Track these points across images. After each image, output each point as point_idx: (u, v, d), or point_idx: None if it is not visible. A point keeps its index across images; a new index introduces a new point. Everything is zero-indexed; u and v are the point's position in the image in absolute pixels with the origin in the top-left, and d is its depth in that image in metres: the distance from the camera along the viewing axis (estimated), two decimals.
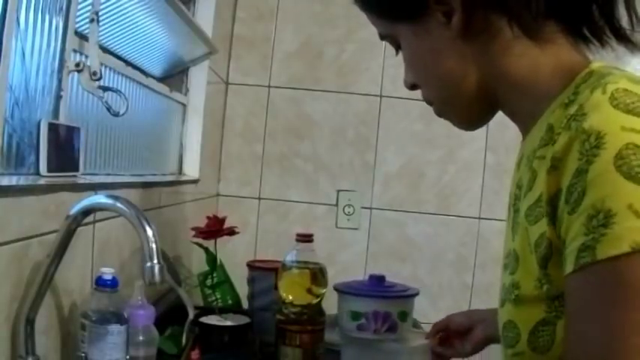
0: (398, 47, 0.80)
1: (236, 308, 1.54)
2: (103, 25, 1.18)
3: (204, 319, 1.38)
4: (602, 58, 0.72)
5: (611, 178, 0.55)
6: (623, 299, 0.54)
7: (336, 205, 2.27)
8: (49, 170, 0.99)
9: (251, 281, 1.52)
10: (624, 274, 0.54)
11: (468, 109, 0.79)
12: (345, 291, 1.50)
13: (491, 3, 0.70)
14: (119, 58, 1.37)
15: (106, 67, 1.26)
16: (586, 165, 0.56)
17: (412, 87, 0.83)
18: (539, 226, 0.63)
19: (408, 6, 0.74)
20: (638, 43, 0.70)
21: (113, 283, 0.92)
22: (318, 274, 1.31)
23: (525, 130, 0.75)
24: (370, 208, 2.28)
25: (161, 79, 1.72)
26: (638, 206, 0.54)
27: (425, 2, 0.72)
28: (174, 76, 1.84)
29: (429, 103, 0.82)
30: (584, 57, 0.71)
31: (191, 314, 1.23)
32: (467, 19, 0.70)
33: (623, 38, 0.70)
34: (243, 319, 1.42)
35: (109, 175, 1.35)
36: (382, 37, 0.82)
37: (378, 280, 1.56)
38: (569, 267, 0.58)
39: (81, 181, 1.07)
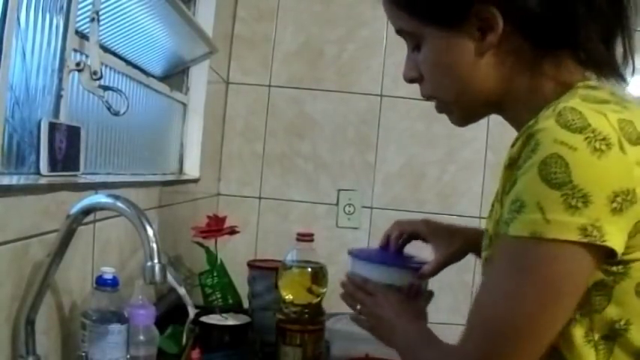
0: (416, 46, 0.85)
1: (236, 308, 1.54)
2: (104, 24, 1.18)
3: (205, 319, 1.38)
4: None
5: (532, 177, 0.68)
6: (515, 271, 0.71)
7: (337, 204, 2.27)
8: (50, 170, 0.99)
9: (251, 281, 1.52)
10: (520, 252, 0.70)
11: (475, 110, 0.88)
12: (374, 260, 1.13)
13: (527, 31, 0.77)
14: (119, 57, 1.37)
15: (106, 66, 1.25)
16: (522, 162, 0.70)
17: (412, 80, 0.88)
18: (502, 212, 0.76)
19: (449, 14, 0.79)
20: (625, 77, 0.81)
21: (114, 283, 0.92)
22: (318, 274, 1.32)
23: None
24: (371, 208, 2.28)
25: (161, 79, 1.71)
26: (543, 204, 0.67)
27: (466, 15, 0.78)
28: (175, 75, 1.84)
29: (430, 98, 0.89)
30: (582, 75, 0.80)
31: (191, 314, 1.23)
32: (501, 39, 0.78)
33: (615, 72, 0.81)
34: (244, 319, 1.42)
35: (109, 174, 1.35)
36: (399, 32, 0.87)
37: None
38: (500, 230, 0.74)
39: (81, 180, 1.07)
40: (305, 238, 1.33)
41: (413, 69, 0.88)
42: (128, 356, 0.95)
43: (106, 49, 1.28)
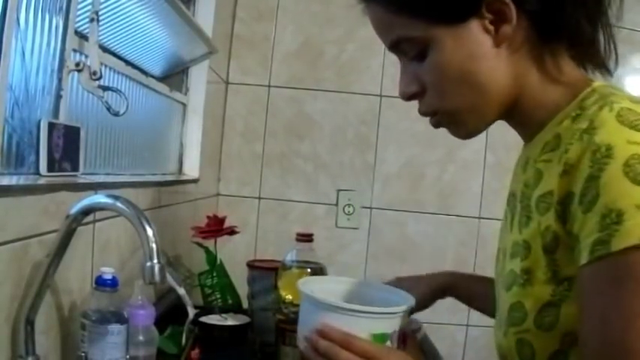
0: (418, 54, 0.79)
1: (236, 308, 1.54)
2: (103, 24, 1.18)
3: (204, 319, 1.38)
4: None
5: (620, 183, 0.63)
6: (635, 286, 0.62)
7: (336, 204, 2.27)
8: (49, 170, 0.99)
9: (251, 281, 1.52)
10: (635, 263, 0.62)
11: (488, 117, 0.82)
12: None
13: (535, 21, 0.75)
14: (119, 57, 1.37)
15: (106, 66, 1.25)
16: (598, 172, 0.65)
17: (410, 97, 0.83)
18: (546, 219, 0.72)
19: (458, 8, 0.75)
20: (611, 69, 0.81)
21: (113, 283, 0.92)
22: (318, 274, 1.32)
23: (530, 136, 0.83)
24: (370, 208, 2.28)
25: (161, 79, 1.71)
26: None
27: (477, 6, 0.74)
28: (174, 75, 1.84)
29: (431, 113, 0.83)
30: (584, 74, 0.80)
31: (191, 314, 1.23)
32: (515, 31, 0.75)
33: (600, 64, 0.81)
34: (243, 319, 1.43)
35: (109, 174, 1.35)
36: (395, 46, 0.81)
37: None
38: (584, 259, 0.66)
39: (81, 180, 1.07)
40: (304, 238, 1.33)
41: (413, 82, 0.81)
42: (128, 356, 0.95)
43: (105, 49, 1.28)
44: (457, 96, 0.79)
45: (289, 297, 1.30)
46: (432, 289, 1.15)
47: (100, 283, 0.92)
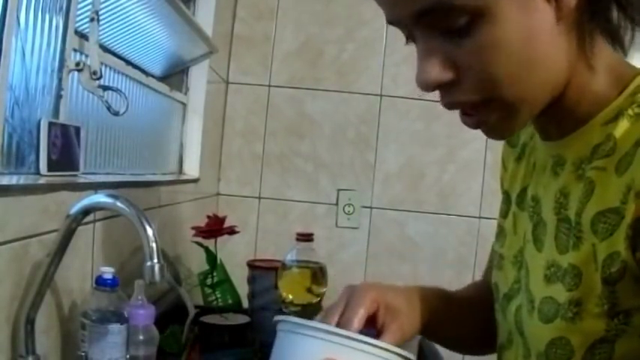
0: (463, 27, 0.60)
1: (236, 307, 1.54)
2: (103, 24, 1.18)
3: (205, 319, 1.38)
4: None
5: None
6: None
7: (336, 204, 2.27)
8: (49, 169, 0.99)
9: (251, 280, 1.52)
10: None
11: (538, 108, 0.67)
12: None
13: None
14: (119, 57, 1.37)
15: (106, 66, 1.25)
16: None
17: (439, 87, 0.65)
18: (609, 245, 0.60)
19: None
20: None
21: (113, 283, 0.92)
22: (318, 274, 1.32)
23: (558, 130, 0.70)
24: (370, 208, 2.28)
25: (161, 79, 1.71)
26: None
27: None
28: (175, 75, 1.84)
29: (471, 106, 0.65)
30: (621, 58, 0.68)
31: (191, 313, 1.23)
32: (575, 4, 0.61)
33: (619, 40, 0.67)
34: (243, 319, 1.42)
35: (109, 174, 1.35)
36: (424, 13, 0.61)
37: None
38: None
39: (81, 180, 1.07)
40: (305, 237, 1.33)
41: (447, 66, 0.63)
42: (128, 356, 0.95)
43: (105, 48, 1.28)
44: (513, 81, 0.62)
45: (289, 296, 1.30)
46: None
47: (100, 282, 0.92)
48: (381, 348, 0.65)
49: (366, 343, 0.64)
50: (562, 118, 0.69)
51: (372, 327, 0.77)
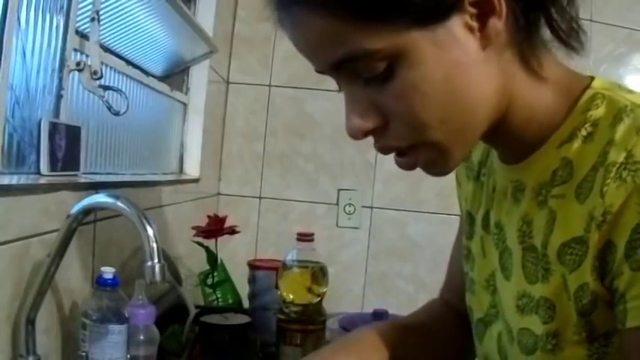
0: (383, 72, 0.58)
1: (237, 307, 1.54)
2: (104, 24, 1.18)
3: (205, 318, 1.38)
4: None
5: None
6: None
7: (337, 204, 2.27)
8: (50, 169, 0.99)
9: (252, 280, 1.52)
10: None
11: (473, 142, 0.65)
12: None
13: (527, 11, 0.61)
14: (120, 57, 1.37)
15: (106, 66, 1.26)
16: None
17: (367, 134, 0.63)
18: (578, 276, 0.59)
19: (436, 1, 0.56)
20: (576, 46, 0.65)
21: (114, 283, 0.92)
22: (318, 274, 1.31)
23: (516, 154, 0.68)
24: (371, 207, 2.28)
25: (162, 78, 1.71)
26: None
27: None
28: (175, 75, 1.84)
29: (403, 149, 0.64)
30: (567, 67, 0.66)
31: (192, 313, 1.23)
32: (503, 26, 0.59)
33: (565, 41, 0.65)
34: (244, 319, 1.42)
35: (109, 174, 1.35)
36: (342, 64, 0.60)
37: (382, 317, 1.45)
38: (632, 321, 0.55)
39: (82, 180, 1.07)
40: (305, 237, 1.33)
41: (371, 113, 0.61)
42: (128, 356, 0.95)
43: (106, 48, 1.28)
44: (441, 122, 0.60)
45: (290, 296, 1.30)
46: None
47: (100, 282, 0.92)
48: None
49: None
50: (513, 142, 0.66)
51: None
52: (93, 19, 1.08)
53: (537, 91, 0.63)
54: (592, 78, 0.65)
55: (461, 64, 0.58)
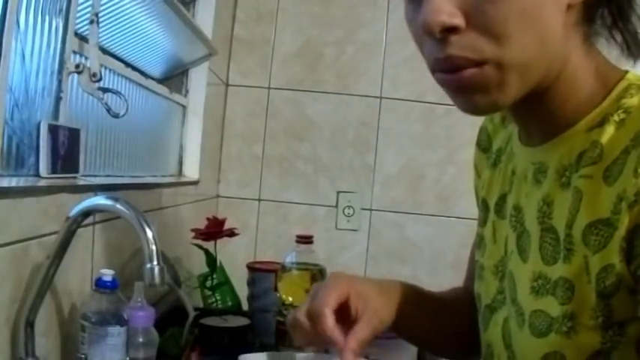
0: None
1: (236, 309, 1.54)
2: (103, 26, 1.18)
3: (204, 321, 1.38)
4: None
5: None
6: None
7: (336, 206, 2.27)
8: (49, 172, 0.99)
9: (251, 283, 1.52)
10: None
11: (528, 83, 0.62)
12: None
13: None
14: (119, 59, 1.37)
15: (105, 68, 1.26)
16: None
17: (445, 30, 0.59)
18: (603, 257, 0.59)
19: None
20: None
21: (113, 285, 0.92)
22: (317, 276, 1.31)
23: (540, 135, 0.69)
24: (370, 210, 2.28)
25: (161, 81, 1.72)
26: None
27: None
28: (174, 77, 1.84)
29: (470, 61, 0.60)
30: (607, 59, 0.67)
31: (191, 315, 1.23)
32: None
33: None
34: (243, 321, 1.42)
35: (108, 176, 1.35)
36: None
37: None
38: None
39: (81, 182, 1.07)
40: (304, 240, 1.33)
41: (456, 10, 0.58)
42: (127, 358, 0.94)
43: (105, 51, 1.28)
44: (515, 42, 0.59)
45: (289, 299, 1.30)
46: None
47: (99, 284, 0.92)
48: None
49: None
50: (546, 119, 0.67)
51: (345, 319, 0.74)
52: (92, 22, 1.08)
53: (586, 71, 0.64)
54: (627, 71, 0.66)
55: (551, 5, 0.59)
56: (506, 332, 0.72)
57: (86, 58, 1.11)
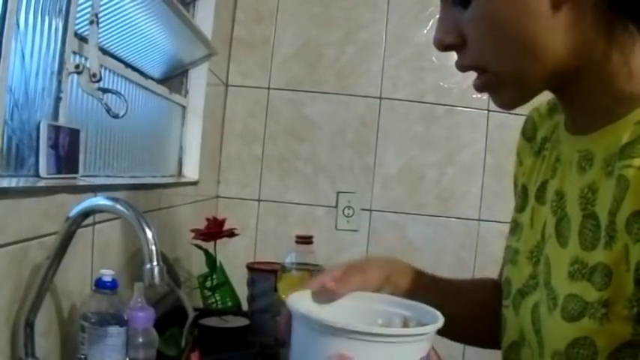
0: (466, 0, 0.68)
1: (236, 310, 1.54)
2: (103, 26, 1.18)
3: (204, 321, 1.38)
4: None
5: None
6: None
7: (336, 206, 2.27)
8: (49, 172, 0.99)
9: (251, 283, 1.52)
10: None
11: (530, 85, 0.70)
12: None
13: None
14: (119, 59, 1.37)
15: (105, 68, 1.26)
16: None
17: (447, 48, 0.71)
18: None
19: None
20: None
21: (113, 285, 0.92)
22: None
23: (588, 124, 0.70)
24: (370, 210, 2.28)
25: (161, 81, 1.72)
26: None
27: None
28: (174, 77, 1.84)
29: (472, 68, 0.71)
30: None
31: (191, 316, 1.23)
32: None
33: None
34: (243, 321, 1.42)
35: (108, 177, 1.35)
36: None
37: None
38: None
39: (80, 183, 1.07)
40: (304, 240, 1.33)
41: (452, 31, 0.69)
42: (127, 359, 0.94)
43: (105, 51, 1.28)
44: (502, 56, 0.67)
45: None
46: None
47: (99, 285, 0.92)
48: (388, 335, 0.65)
49: (371, 334, 0.63)
50: (585, 108, 0.70)
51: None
52: (92, 22, 1.08)
53: (623, 69, 0.66)
54: None
55: (530, 12, 0.64)
56: (535, 317, 0.72)
57: (86, 59, 1.11)
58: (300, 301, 0.76)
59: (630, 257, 0.60)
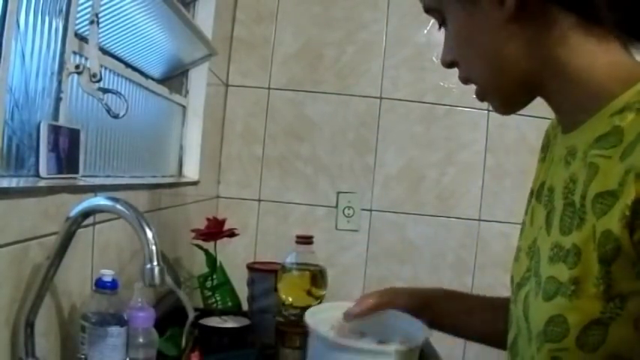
0: (442, 22, 0.78)
1: (236, 310, 1.54)
2: (103, 26, 1.18)
3: (204, 321, 1.38)
4: None
5: None
6: None
7: (336, 206, 2.27)
8: (49, 172, 0.99)
9: (251, 283, 1.52)
10: None
11: (509, 94, 0.76)
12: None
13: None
14: (119, 59, 1.37)
15: (105, 68, 1.26)
16: None
17: (450, 65, 0.80)
18: (604, 222, 0.62)
19: None
20: None
21: (113, 285, 0.92)
22: (317, 276, 1.32)
23: (572, 122, 0.74)
24: (370, 210, 2.28)
25: (161, 81, 1.72)
26: None
27: None
28: (174, 77, 1.85)
29: (466, 82, 0.80)
30: (632, 57, 0.71)
31: (191, 316, 1.23)
32: (522, 1, 0.68)
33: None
34: (243, 321, 1.42)
35: (108, 177, 1.35)
36: (427, 11, 0.80)
37: None
38: None
39: (81, 183, 1.07)
40: (304, 240, 1.33)
41: (449, 52, 0.79)
42: (127, 359, 0.95)
43: (105, 51, 1.28)
44: (475, 69, 0.77)
45: (289, 299, 1.30)
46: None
47: (99, 285, 0.92)
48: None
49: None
50: (563, 109, 0.75)
51: None
52: (92, 22, 1.08)
53: (582, 64, 0.70)
54: None
55: (482, 28, 0.72)
56: (525, 305, 0.75)
57: (86, 59, 1.11)
58: (317, 314, 0.90)
59: (596, 235, 0.63)
